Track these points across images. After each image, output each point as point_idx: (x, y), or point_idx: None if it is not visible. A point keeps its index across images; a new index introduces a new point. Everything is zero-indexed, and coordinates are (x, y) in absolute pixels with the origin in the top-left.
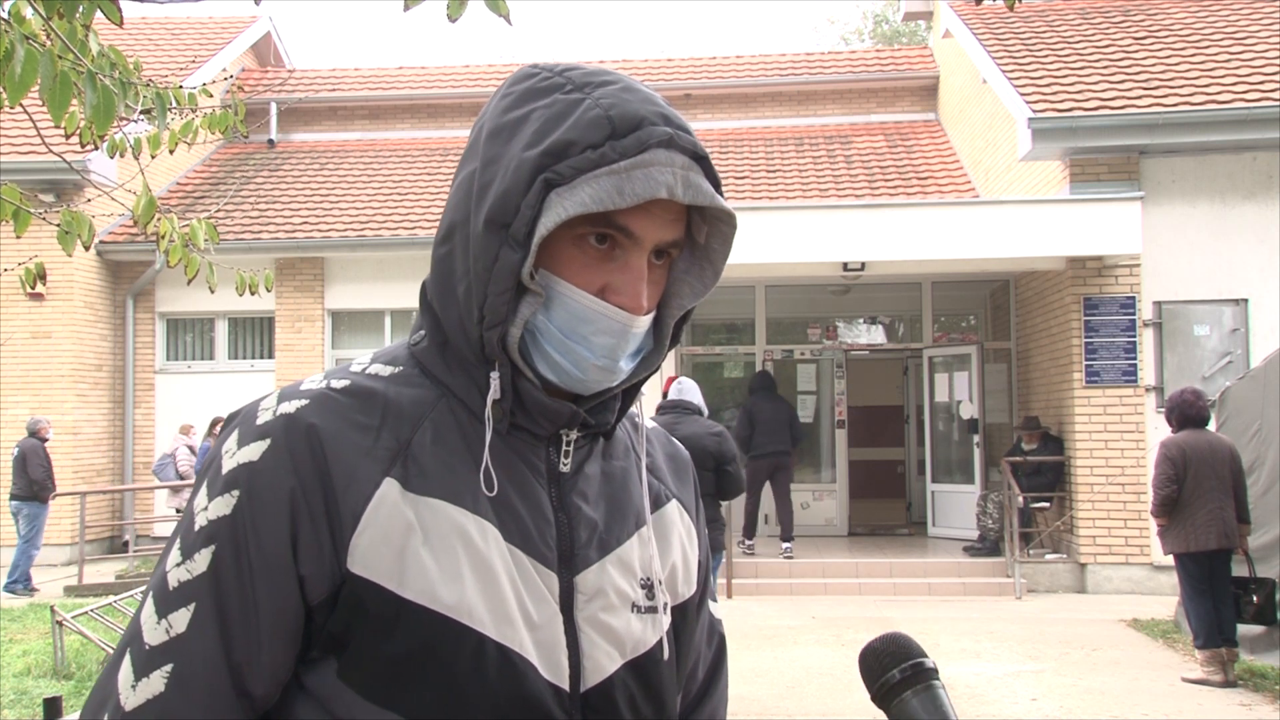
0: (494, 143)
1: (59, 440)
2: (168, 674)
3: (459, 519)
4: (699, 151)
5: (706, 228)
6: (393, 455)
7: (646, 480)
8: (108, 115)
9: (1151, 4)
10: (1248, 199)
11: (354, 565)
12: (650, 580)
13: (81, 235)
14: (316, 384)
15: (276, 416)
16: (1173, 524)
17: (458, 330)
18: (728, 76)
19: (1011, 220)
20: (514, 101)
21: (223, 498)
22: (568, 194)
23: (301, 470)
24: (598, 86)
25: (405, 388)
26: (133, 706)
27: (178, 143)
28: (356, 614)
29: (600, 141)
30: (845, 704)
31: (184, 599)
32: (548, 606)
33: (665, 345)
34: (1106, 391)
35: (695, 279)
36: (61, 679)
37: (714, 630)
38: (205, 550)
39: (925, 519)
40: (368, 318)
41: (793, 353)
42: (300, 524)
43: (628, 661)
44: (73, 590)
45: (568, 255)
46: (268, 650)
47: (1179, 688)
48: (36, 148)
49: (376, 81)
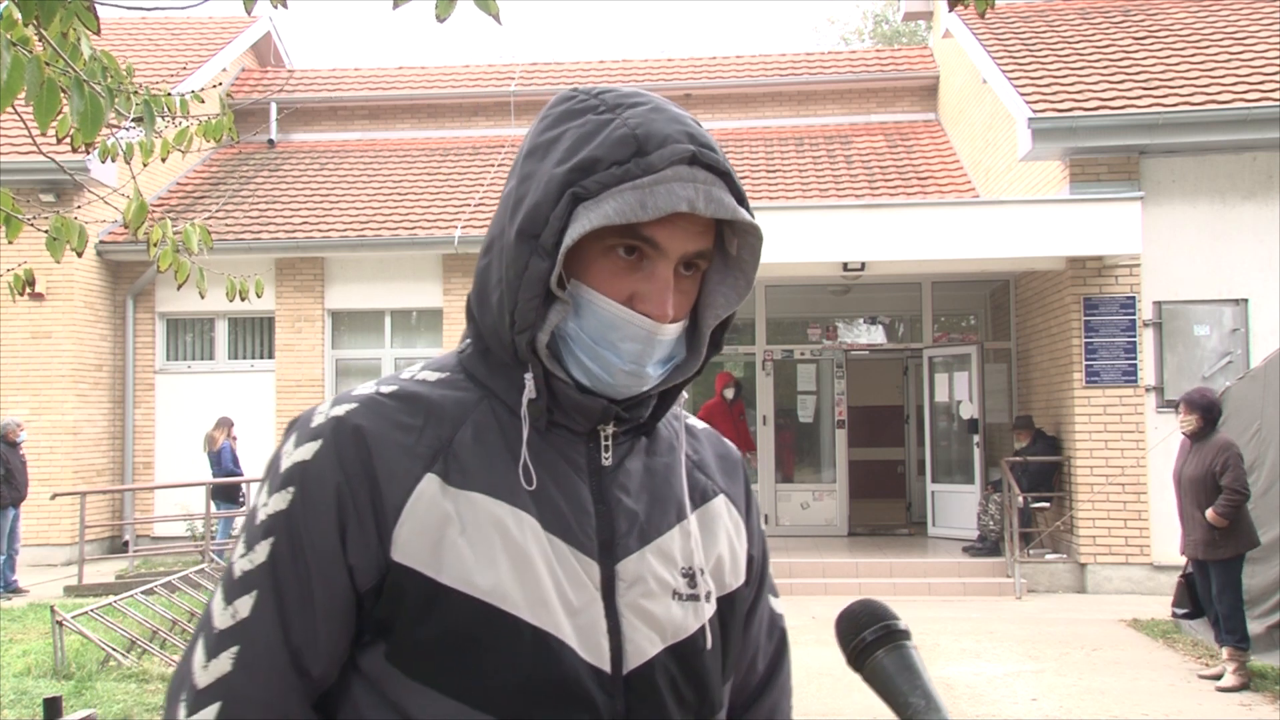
0: (530, 161)
1: (59, 440)
2: (234, 655)
3: (496, 510)
4: (723, 168)
5: (737, 239)
6: (434, 453)
7: (693, 475)
8: (95, 122)
9: (1151, 4)
10: (1248, 199)
11: (397, 554)
12: (692, 570)
13: (71, 241)
14: (367, 390)
15: (328, 419)
16: (1235, 525)
17: (493, 335)
18: (728, 76)
19: (1011, 220)
20: (551, 123)
21: (280, 494)
22: (593, 207)
23: (348, 468)
24: (628, 108)
25: (450, 391)
26: (204, 685)
27: (169, 151)
28: (400, 600)
29: (626, 158)
30: (845, 704)
31: (247, 587)
32: (587, 592)
33: (702, 352)
34: (1106, 391)
35: (729, 289)
36: (61, 679)
37: (775, 624)
38: (265, 543)
39: (925, 519)
40: (368, 318)
41: (793, 353)
42: (348, 517)
43: (668, 646)
44: (72, 590)
45: (598, 266)
46: (323, 633)
47: (1179, 688)
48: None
49: (376, 81)
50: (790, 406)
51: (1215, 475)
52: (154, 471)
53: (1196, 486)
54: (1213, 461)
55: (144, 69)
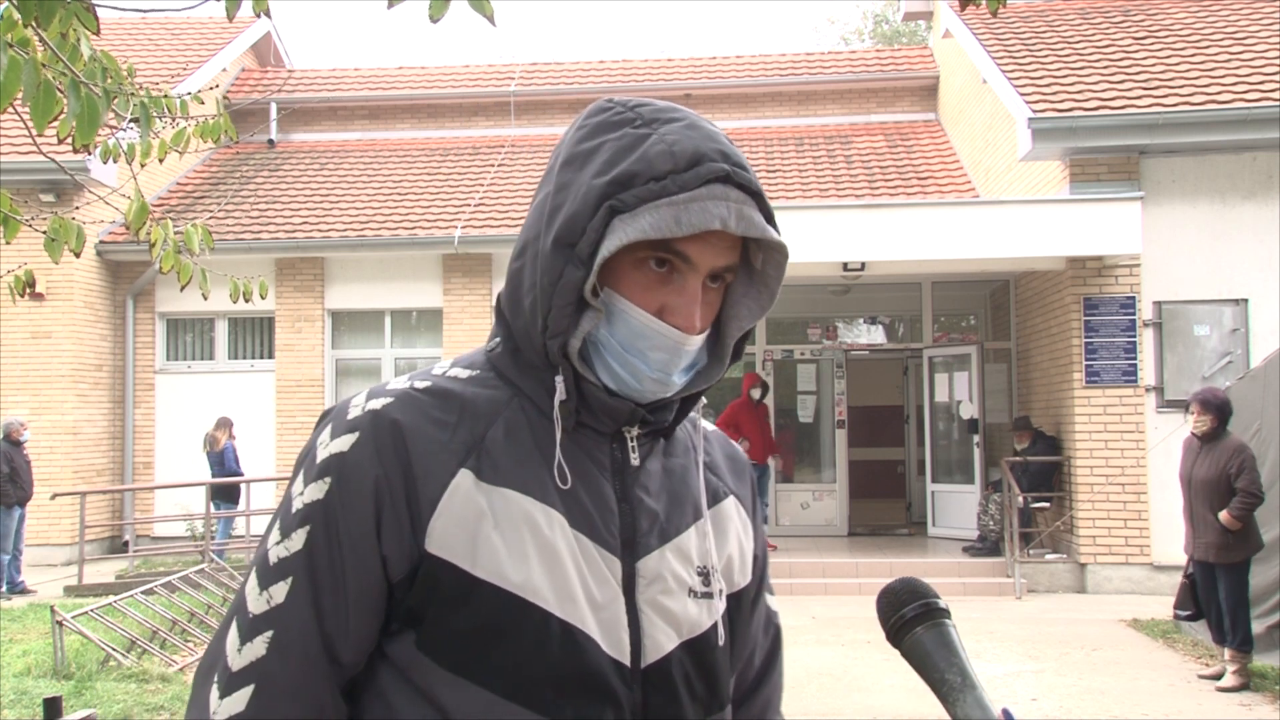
0: (567, 170)
1: (59, 440)
2: (268, 640)
3: (528, 507)
4: (754, 188)
5: (762, 255)
6: (468, 449)
7: (705, 477)
8: (92, 124)
9: (1151, 4)
10: (1247, 199)
11: (431, 546)
12: (706, 568)
13: (69, 242)
14: (401, 384)
15: (365, 412)
16: (1246, 528)
17: (525, 337)
18: (728, 76)
19: (1011, 220)
20: (588, 133)
21: (317, 484)
22: (630, 221)
23: (385, 461)
24: (665, 123)
25: (481, 389)
26: (239, 667)
27: (167, 152)
28: (433, 590)
29: (663, 174)
30: (845, 704)
31: (282, 573)
32: (610, 588)
33: (725, 361)
34: (1106, 391)
35: (753, 301)
36: (61, 679)
37: (770, 621)
38: (301, 530)
39: (925, 519)
40: (368, 318)
41: (793, 353)
42: (384, 508)
43: (684, 642)
44: (73, 590)
45: (630, 277)
46: (355, 621)
47: (1179, 688)
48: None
49: (376, 81)
50: (790, 406)
51: (1230, 477)
52: (154, 471)
53: (1210, 489)
54: (1227, 463)
55: (144, 69)
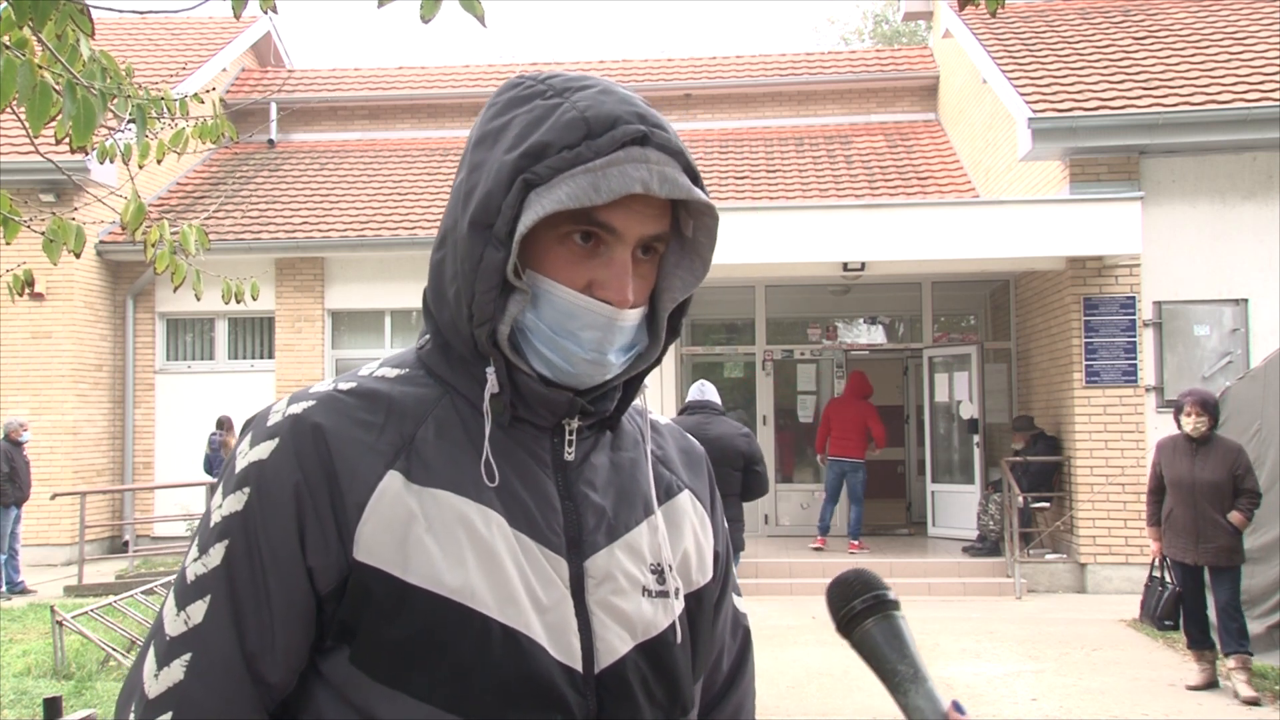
0: (479, 150)
1: (59, 440)
2: (186, 663)
3: (462, 507)
4: (675, 147)
5: (692, 221)
6: (396, 449)
7: (657, 470)
8: (88, 125)
9: (1151, 4)
10: (1247, 199)
11: (360, 554)
12: (660, 565)
13: (68, 243)
14: (325, 387)
15: (285, 418)
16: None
17: (452, 330)
18: (728, 76)
19: (1011, 220)
20: (499, 110)
21: (235, 495)
22: (546, 193)
23: (306, 466)
24: (576, 91)
25: (410, 387)
26: (155, 694)
27: (166, 152)
28: (365, 601)
29: (576, 141)
30: (845, 704)
31: (200, 592)
32: (556, 590)
33: (661, 339)
34: (1106, 391)
35: (685, 271)
36: (61, 679)
37: (738, 623)
38: (219, 545)
39: (925, 519)
40: (368, 318)
41: (793, 353)
42: (306, 517)
43: (639, 644)
44: (73, 590)
45: (554, 254)
46: (281, 639)
47: (1179, 688)
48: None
49: (376, 81)
50: (790, 406)
51: (1237, 479)
52: (154, 471)
53: (1218, 491)
54: (1234, 465)
55: (144, 69)
